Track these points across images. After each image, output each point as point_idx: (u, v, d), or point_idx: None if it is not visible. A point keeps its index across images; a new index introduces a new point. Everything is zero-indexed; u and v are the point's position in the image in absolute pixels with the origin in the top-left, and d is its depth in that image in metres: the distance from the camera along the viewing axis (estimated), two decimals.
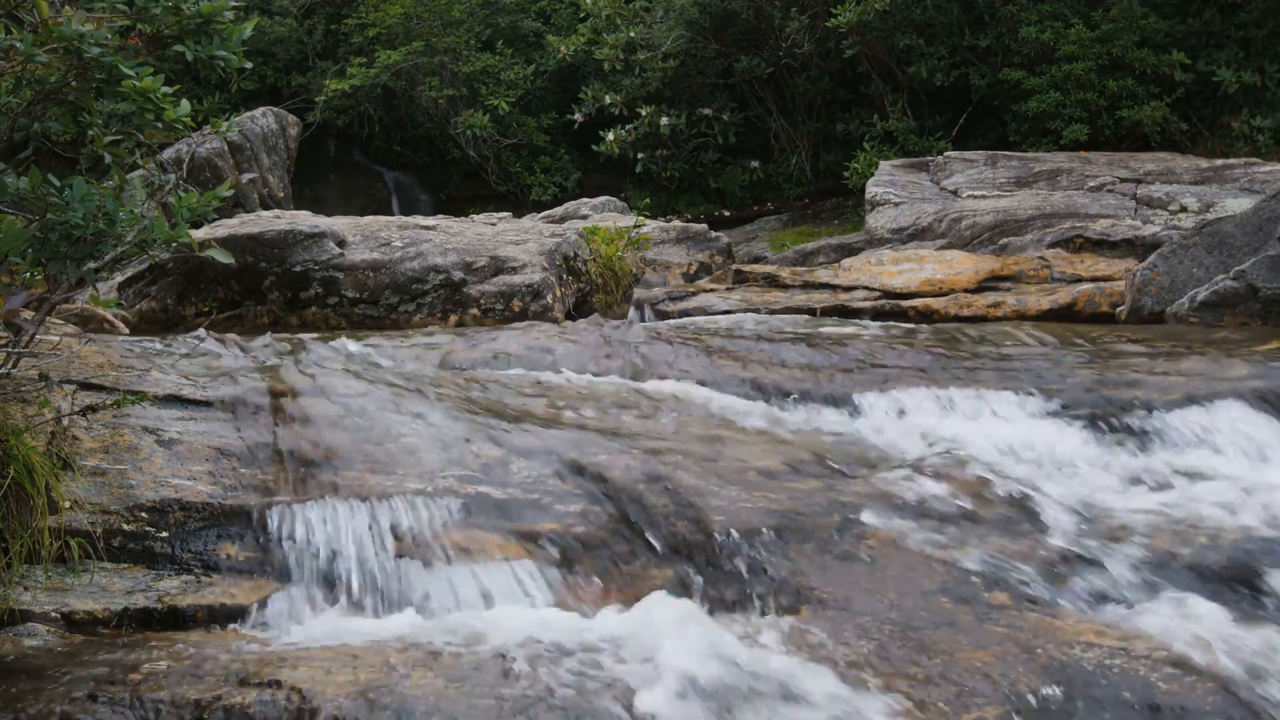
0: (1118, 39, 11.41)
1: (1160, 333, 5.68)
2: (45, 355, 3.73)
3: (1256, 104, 11.29)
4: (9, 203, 2.97)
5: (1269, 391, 4.38)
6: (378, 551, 3.22)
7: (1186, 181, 9.08)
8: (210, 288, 6.80)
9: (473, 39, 14.77)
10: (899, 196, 9.60)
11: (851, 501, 3.53)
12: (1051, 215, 8.53)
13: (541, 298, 6.64)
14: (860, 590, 3.12)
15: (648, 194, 13.30)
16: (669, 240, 9.16)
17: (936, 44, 12.41)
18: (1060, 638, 2.88)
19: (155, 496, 3.32)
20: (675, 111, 13.42)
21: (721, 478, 3.63)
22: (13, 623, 2.89)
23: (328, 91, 14.20)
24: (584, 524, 3.37)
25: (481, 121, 13.92)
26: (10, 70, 3.10)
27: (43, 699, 2.53)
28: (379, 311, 6.71)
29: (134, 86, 3.05)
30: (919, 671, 2.76)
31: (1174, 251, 6.31)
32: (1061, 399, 4.46)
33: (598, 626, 2.90)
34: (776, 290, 7.61)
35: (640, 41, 13.47)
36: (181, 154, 10.89)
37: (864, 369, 4.88)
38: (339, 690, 2.57)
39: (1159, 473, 3.93)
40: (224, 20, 3.20)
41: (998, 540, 3.37)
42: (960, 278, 7.30)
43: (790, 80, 13.48)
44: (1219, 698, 2.64)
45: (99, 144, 3.23)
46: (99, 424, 3.62)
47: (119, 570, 3.13)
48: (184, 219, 3.13)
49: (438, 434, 3.86)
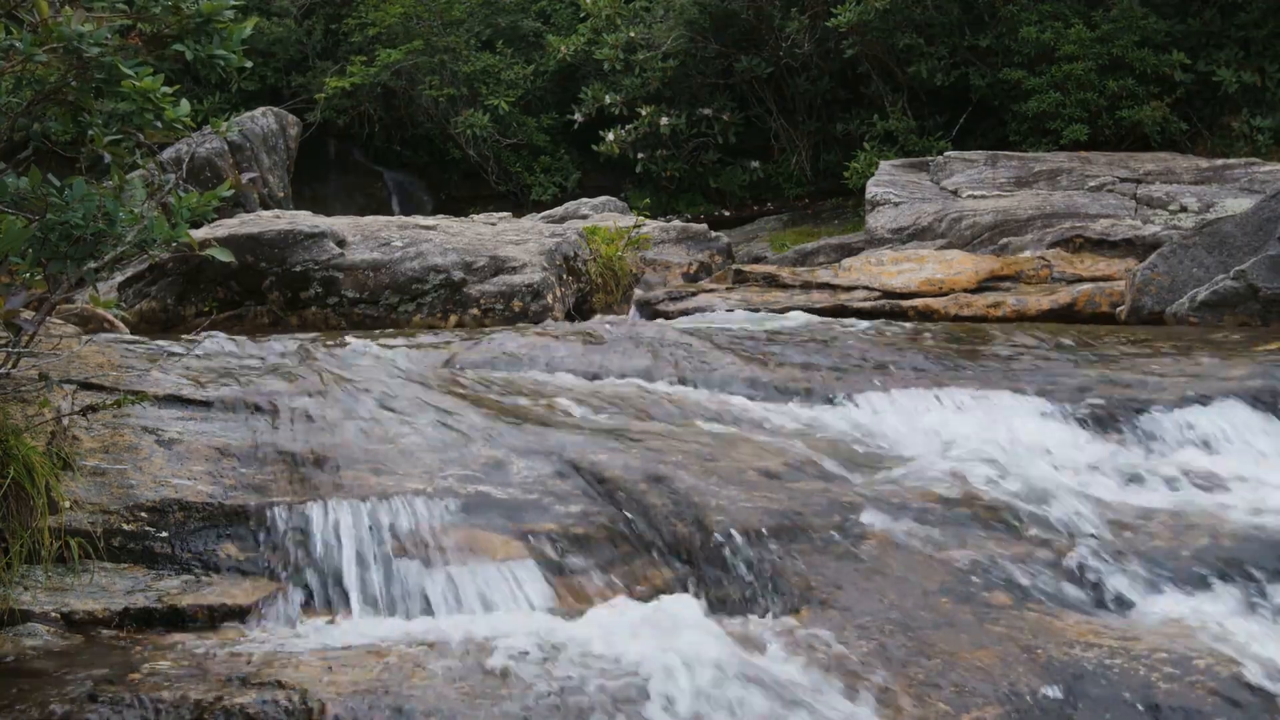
0: (1118, 39, 11.42)
1: (1160, 333, 5.68)
2: (45, 355, 3.73)
3: (1256, 104, 11.29)
4: (9, 203, 2.97)
5: (1269, 391, 4.38)
6: (378, 552, 3.22)
7: (1186, 181, 9.09)
8: (210, 288, 6.80)
9: (473, 39, 14.77)
10: (899, 196, 9.60)
11: (851, 502, 3.52)
12: (1051, 215, 8.53)
13: (541, 298, 6.63)
14: (860, 590, 3.12)
15: (648, 194, 13.30)
16: (669, 240, 9.16)
17: (936, 44, 12.41)
18: (1060, 638, 2.88)
19: (155, 496, 3.32)
20: (675, 111, 13.41)
21: (721, 478, 3.63)
22: (13, 623, 2.89)
23: (328, 91, 14.20)
24: (584, 524, 3.37)
25: (481, 121, 13.92)
26: (10, 70, 3.10)
27: (43, 699, 2.53)
28: (379, 311, 6.70)
29: (134, 86, 3.05)
30: (919, 671, 2.76)
31: (1174, 251, 6.32)
32: (1061, 399, 4.46)
33: (597, 627, 2.90)
34: (776, 290, 7.61)
35: (640, 41, 13.47)
36: (181, 154, 10.88)
37: (864, 369, 4.88)
38: (339, 690, 2.57)
39: (1159, 472, 3.93)
40: (224, 20, 3.20)
41: (997, 540, 3.37)
42: (960, 278, 7.30)
43: (790, 80, 13.48)
44: (1219, 698, 2.64)
45: (99, 144, 3.23)
46: (99, 424, 3.62)
47: (119, 570, 3.13)
48: (184, 219, 3.13)
49: (438, 434, 3.86)
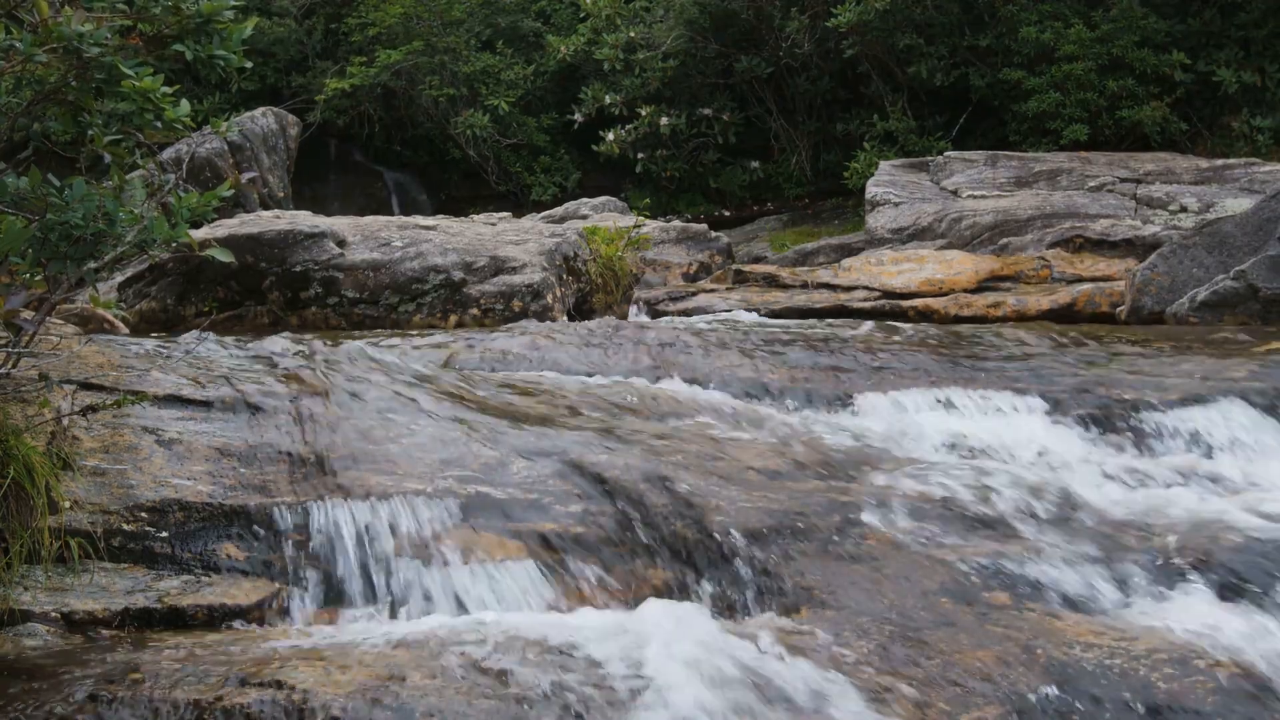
0: (1118, 39, 11.42)
1: (1160, 333, 5.69)
2: (45, 355, 3.73)
3: (1256, 104, 11.29)
4: (9, 203, 2.97)
5: (1269, 391, 4.38)
6: (378, 551, 3.22)
7: (1186, 181, 9.09)
8: (210, 288, 6.80)
9: (473, 39, 14.77)
10: (899, 196, 9.61)
11: (851, 501, 3.52)
12: (1051, 215, 8.54)
13: (541, 298, 6.63)
14: (860, 590, 3.12)
15: (648, 194, 13.30)
16: (669, 240, 9.17)
17: (936, 44, 12.41)
18: (1060, 638, 2.88)
19: (155, 496, 3.32)
20: (675, 111, 13.42)
21: (722, 478, 3.63)
22: (13, 623, 2.89)
23: (328, 91, 14.21)
24: (584, 524, 3.37)
25: (481, 121, 13.92)
26: (10, 70, 3.10)
27: (43, 699, 2.53)
28: (379, 311, 6.70)
29: (134, 86, 3.05)
30: (919, 672, 2.76)
31: (1174, 251, 6.32)
32: (1061, 399, 4.46)
33: (597, 627, 2.90)
34: (776, 290, 7.62)
35: (640, 41, 13.47)
36: (181, 154, 10.88)
37: (864, 369, 4.88)
38: (339, 690, 2.57)
39: (1158, 473, 3.93)
40: (224, 20, 3.19)
41: (997, 540, 3.37)
42: (960, 278, 7.31)
43: (790, 80, 13.48)
44: (1219, 698, 2.64)
45: (99, 144, 3.22)
46: (99, 424, 3.61)
47: (119, 570, 3.13)
48: (184, 219, 3.12)
49: (438, 434, 3.86)
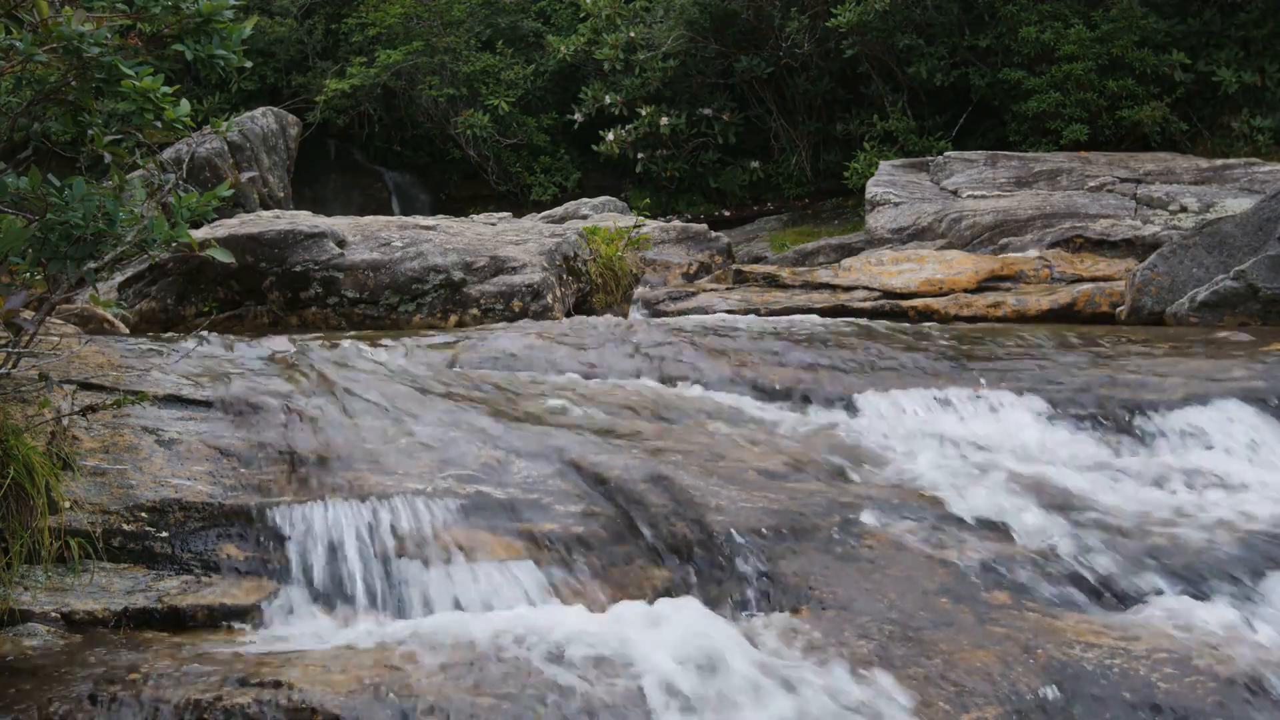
0: (1118, 39, 11.42)
1: (1160, 333, 5.68)
2: (45, 355, 3.73)
3: (1256, 104, 11.30)
4: (9, 203, 2.97)
5: (1269, 391, 4.38)
6: (378, 551, 3.22)
7: (1186, 181, 9.09)
8: (210, 288, 6.80)
9: (473, 39, 14.77)
10: (899, 196, 9.61)
11: (851, 502, 3.52)
12: (1051, 215, 8.54)
13: (541, 298, 6.63)
14: (860, 590, 3.12)
15: (648, 194, 13.30)
16: (669, 240, 9.17)
17: (936, 44, 12.41)
18: (1060, 638, 2.88)
19: (155, 496, 3.32)
20: (675, 111, 13.42)
21: (722, 478, 3.63)
22: (13, 623, 2.89)
23: (328, 91, 14.20)
24: (584, 524, 3.37)
25: (481, 121, 13.92)
26: (10, 70, 3.10)
27: (43, 699, 2.53)
28: (379, 311, 6.70)
29: (134, 86, 3.05)
30: (919, 671, 2.76)
31: (1174, 251, 6.32)
32: (1061, 399, 4.46)
33: (598, 626, 2.90)
34: (776, 290, 7.62)
35: (640, 41, 13.47)
36: (181, 154, 10.88)
37: (864, 369, 4.88)
38: (339, 690, 2.57)
39: (1159, 473, 3.93)
40: (224, 19, 3.20)
41: (997, 540, 3.37)
42: (960, 278, 7.31)
43: (790, 80, 13.48)
44: (1219, 697, 2.64)
45: (99, 144, 3.23)
46: (99, 424, 3.61)
47: (119, 570, 3.13)
48: (184, 219, 3.13)
49: (438, 434, 3.86)
